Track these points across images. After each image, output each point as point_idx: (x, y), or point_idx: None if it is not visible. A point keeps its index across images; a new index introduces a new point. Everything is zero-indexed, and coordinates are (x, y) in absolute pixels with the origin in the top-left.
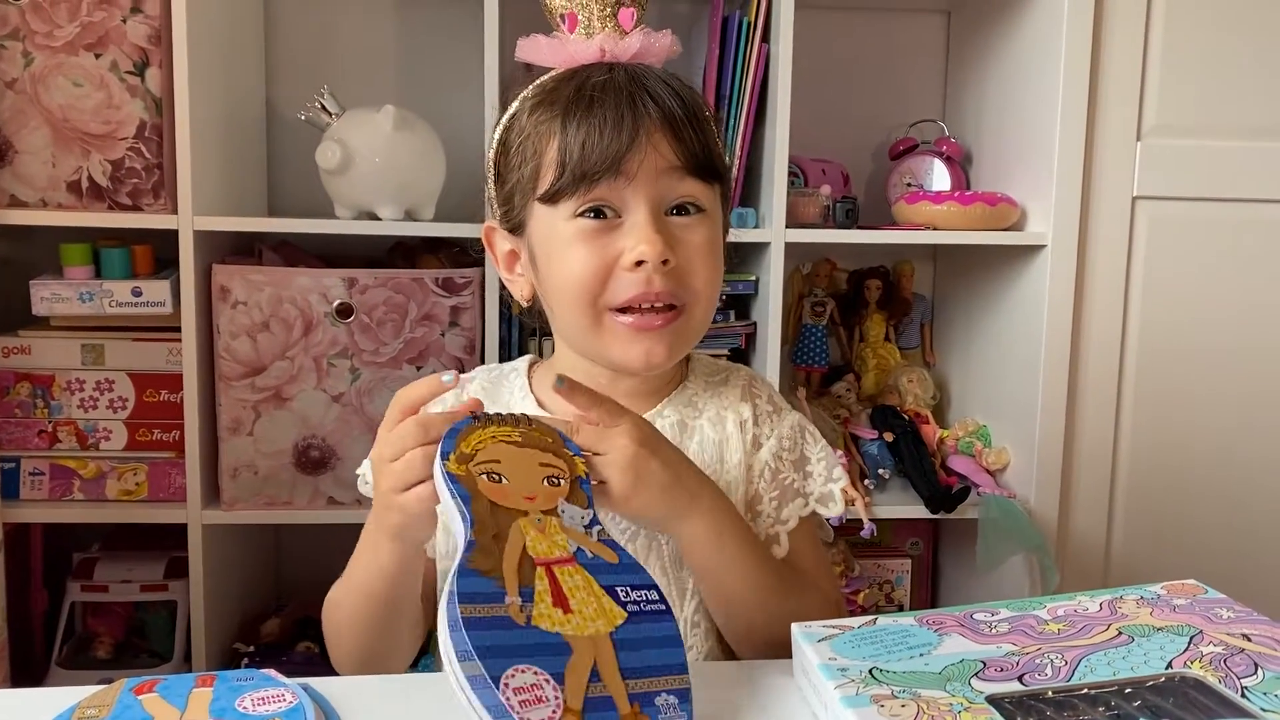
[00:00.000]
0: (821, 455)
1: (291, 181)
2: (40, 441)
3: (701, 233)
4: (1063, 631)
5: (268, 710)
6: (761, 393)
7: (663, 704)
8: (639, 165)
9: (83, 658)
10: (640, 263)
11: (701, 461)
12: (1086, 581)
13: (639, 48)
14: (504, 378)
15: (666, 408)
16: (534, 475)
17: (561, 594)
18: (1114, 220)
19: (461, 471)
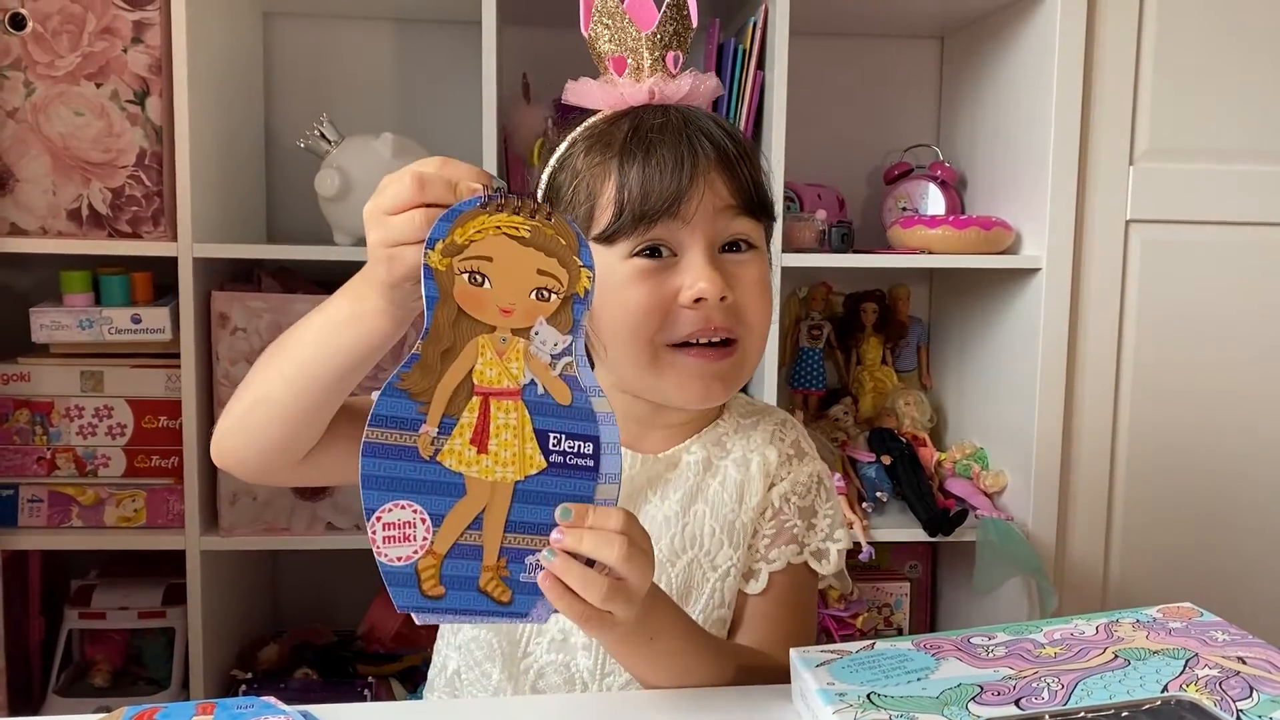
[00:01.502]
0: (830, 512)
1: (290, 208)
2: (39, 468)
3: (755, 269)
4: (1059, 655)
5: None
6: (788, 436)
7: (531, 563)
8: (697, 206)
9: (80, 685)
10: (700, 300)
11: (720, 501)
12: (1084, 603)
13: (688, 89)
14: None
15: (694, 444)
16: (523, 283)
17: (486, 431)
18: (1108, 243)
19: (442, 266)
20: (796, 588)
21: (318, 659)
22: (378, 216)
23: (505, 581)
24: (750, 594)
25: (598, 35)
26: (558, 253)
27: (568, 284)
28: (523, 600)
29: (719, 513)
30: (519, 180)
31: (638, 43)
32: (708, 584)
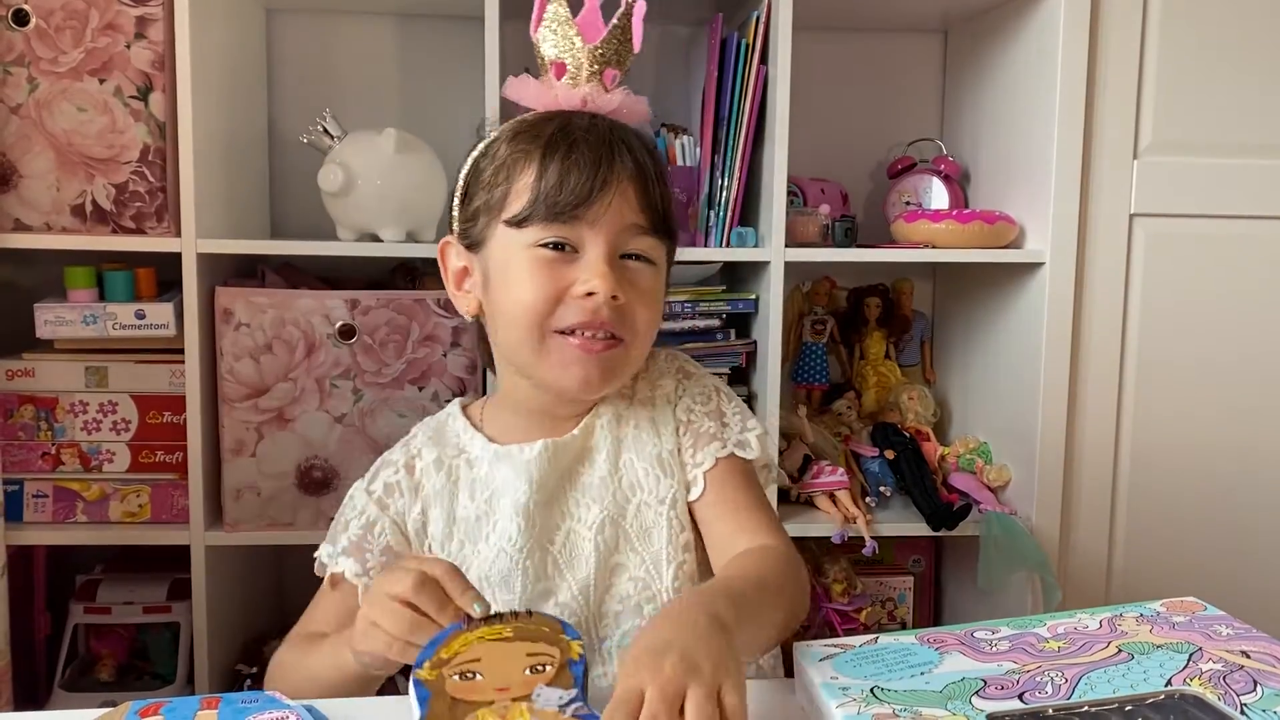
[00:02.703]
0: (736, 410)
1: (294, 204)
2: (44, 464)
3: (649, 279)
4: (1063, 649)
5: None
6: (674, 364)
7: None
8: (605, 211)
9: (86, 680)
10: (591, 294)
11: (640, 441)
12: (1088, 598)
13: (618, 105)
14: (443, 425)
15: (601, 407)
16: (515, 667)
17: None
18: (1111, 237)
19: (431, 676)
20: (735, 474)
21: None
22: (378, 591)
23: None
24: (696, 501)
25: (544, 39)
26: (544, 638)
27: (560, 655)
28: None
29: (644, 452)
30: None
31: (580, 53)
32: (661, 518)
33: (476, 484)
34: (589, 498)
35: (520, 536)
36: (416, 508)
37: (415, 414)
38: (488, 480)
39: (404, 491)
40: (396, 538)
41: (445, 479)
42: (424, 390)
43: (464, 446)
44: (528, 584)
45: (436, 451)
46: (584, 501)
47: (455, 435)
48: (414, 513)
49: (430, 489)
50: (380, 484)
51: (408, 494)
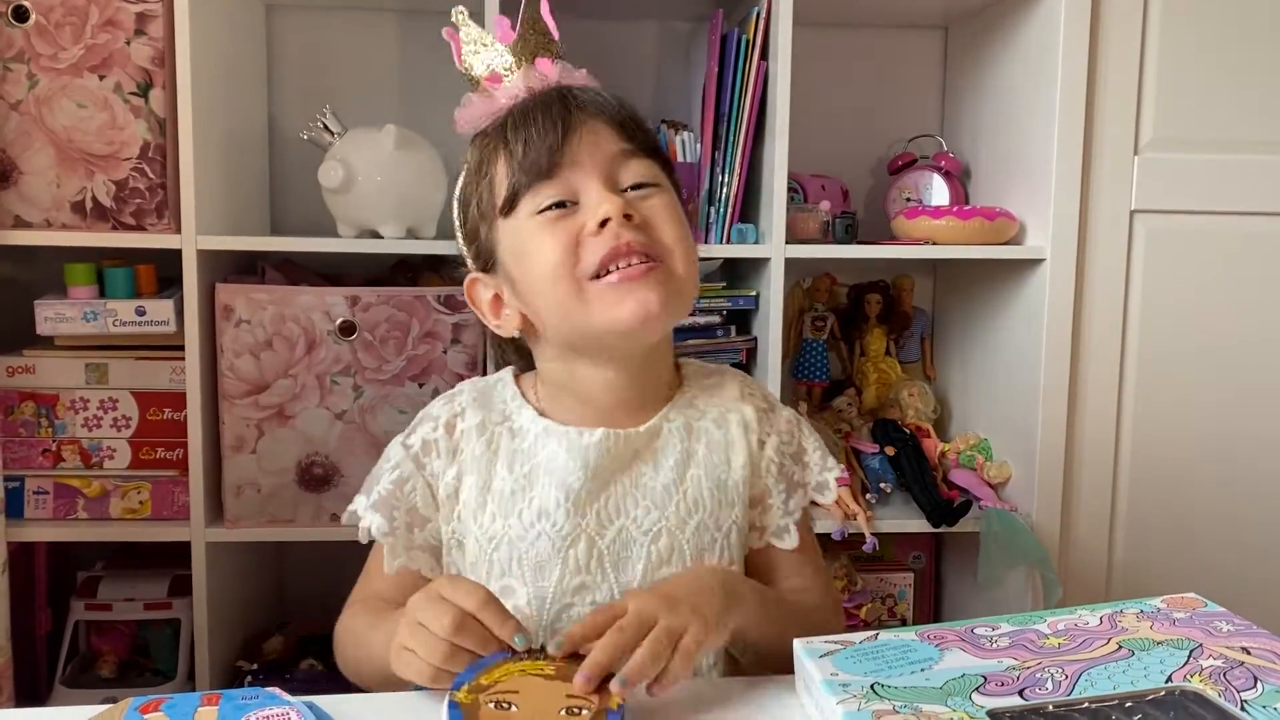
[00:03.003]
0: (816, 446)
1: (294, 200)
2: (44, 461)
3: (660, 198)
4: (1063, 646)
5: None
6: (756, 392)
7: None
8: (582, 150)
9: (87, 676)
10: (604, 222)
11: (710, 463)
12: (1088, 594)
13: (557, 77)
14: (491, 389)
15: (671, 411)
16: (551, 705)
17: None
18: (1112, 234)
19: (467, 700)
20: (808, 526)
21: (323, 650)
22: (413, 622)
23: None
24: (785, 549)
25: (470, 64)
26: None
27: (599, 703)
28: None
29: (712, 475)
30: None
31: (505, 54)
32: (715, 545)
33: (517, 456)
34: (649, 501)
35: (567, 523)
36: (452, 470)
37: (416, 410)
38: (530, 454)
39: (441, 452)
40: (425, 500)
41: (485, 446)
42: (424, 387)
43: (510, 414)
44: (566, 574)
45: (481, 415)
46: (643, 503)
47: (502, 402)
48: (449, 476)
49: (469, 454)
50: (418, 439)
51: (444, 455)
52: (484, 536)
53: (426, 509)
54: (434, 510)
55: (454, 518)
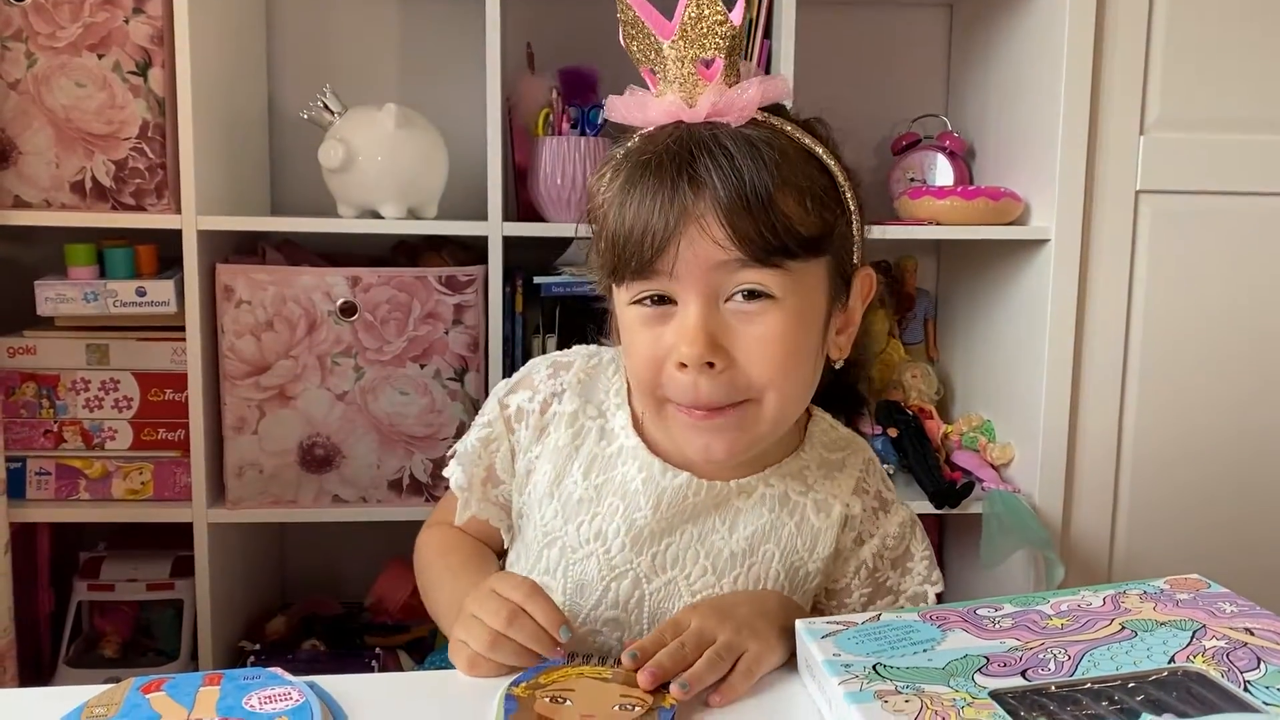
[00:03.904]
0: (925, 555)
1: (294, 181)
2: (46, 441)
3: (767, 323)
4: (1066, 627)
5: (275, 708)
6: (872, 486)
7: None
8: (678, 260)
9: (90, 656)
10: (683, 365)
11: (792, 547)
12: (1091, 575)
13: (710, 107)
14: (598, 374)
15: (774, 476)
16: (605, 701)
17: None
18: (1117, 214)
19: (524, 695)
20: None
21: (325, 631)
22: (468, 615)
23: None
24: None
25: (629, 45)
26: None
27: (653, 701)
28: None
29: (787, 558)
30: (523, 151)
31: (662, 53)
32: None
33: (597, 461)
34: (708, 560)
35: (620, 555)
36: (535, 451)
37: (417, 391)
38: (609, 464)
39: (530, 426)
40: (504, 463)
41: (570, 439)
42: (425, 368)
43: (606, 412)
44: (603, 604)
45: (577, 404)
46: (702, 561)
47: (604, 394)
48: (531, 453)
49: (553, 440)
50: (515, 404)
51: (531, 430)
52: (542, 528)
53: (504, 471)
54: (510, 475)
55: (524, 493)
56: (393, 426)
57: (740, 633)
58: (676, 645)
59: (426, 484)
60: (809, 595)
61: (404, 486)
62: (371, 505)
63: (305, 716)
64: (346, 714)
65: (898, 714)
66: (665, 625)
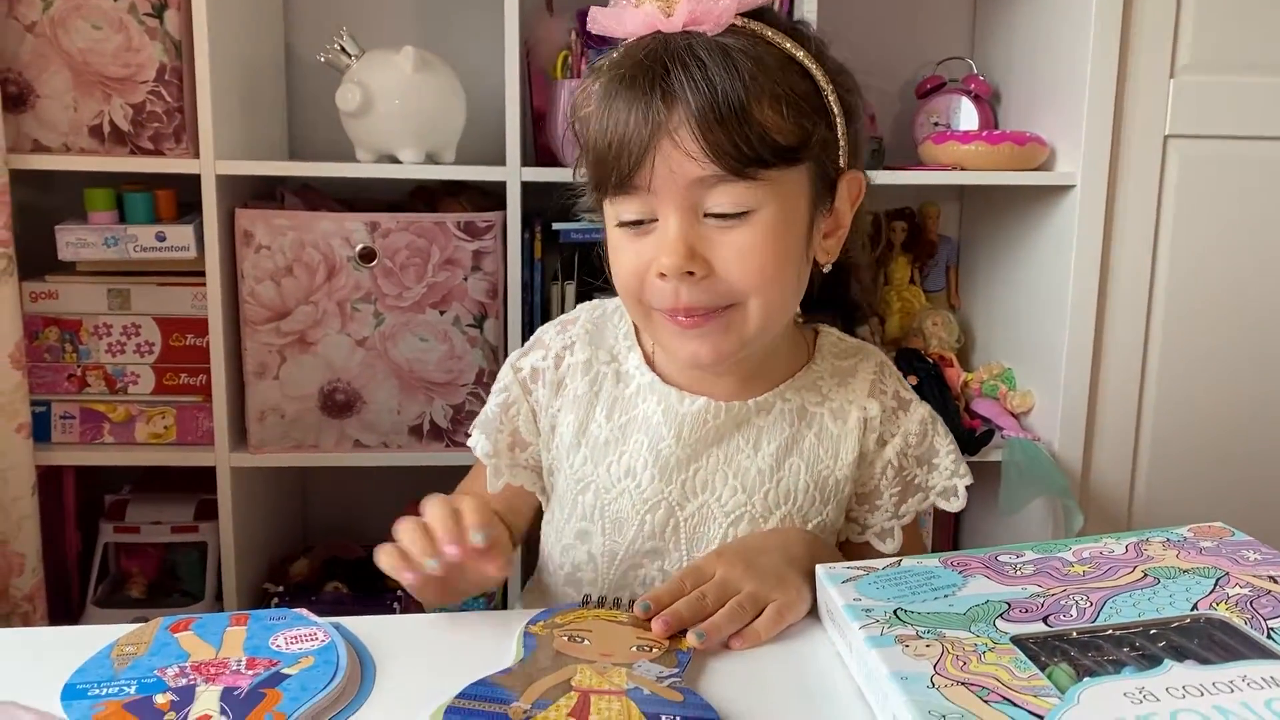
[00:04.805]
0: (950, 449)
1: (311, 125)
2: (70, 385)
3: (746, 234)
4: (1088, 574)
5: (301, 648)
6: (889, 388)
7: None
8: (660, 173)
9: (118, 597)
10: (663, 275)
11: (815, 456)
12: (1110, 524)
13: (686, 17)
14: (606, 322)
15: (789, 391)
16: (623, 642)
17: (585, 712)
18: (1145, 159)
19: (542, 632)
20: (917, 533)
21: (348, 573)
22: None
23: None
24: (885, 551)
25: None
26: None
27: (670, 645)
28: None
29: (814, 469)
30: (541, 95)
31: None
32: None
33: (617, 404)
34: (737, 480)
35: (650, 487)
36: (555, 405)
37: (437, 338)
38: (630, 404)
39: (546, 383)
40: (528, 424)
41: (588, 386)
42: (445, 314)
43: (619, 355)
44: (640, 537)
45: (589, 353)
46: (731, 482)
47: (614, 339)
48: (551, 409)
49: (571, 392)
50: (528, 365)
51: (549, 387)
52: (573, 476)
53: (529, 433)
54: (535, 435)
55: (552, 448)
56: (413, 372)
57: (766, 583)
58: (697, 595)
59: (447, 429)
60: (841, 507)
61: (424, 432)
62: (392, 450)
63: (331, 656)
64: (371, 654)
65: (919, 658)
66: (685, 572)
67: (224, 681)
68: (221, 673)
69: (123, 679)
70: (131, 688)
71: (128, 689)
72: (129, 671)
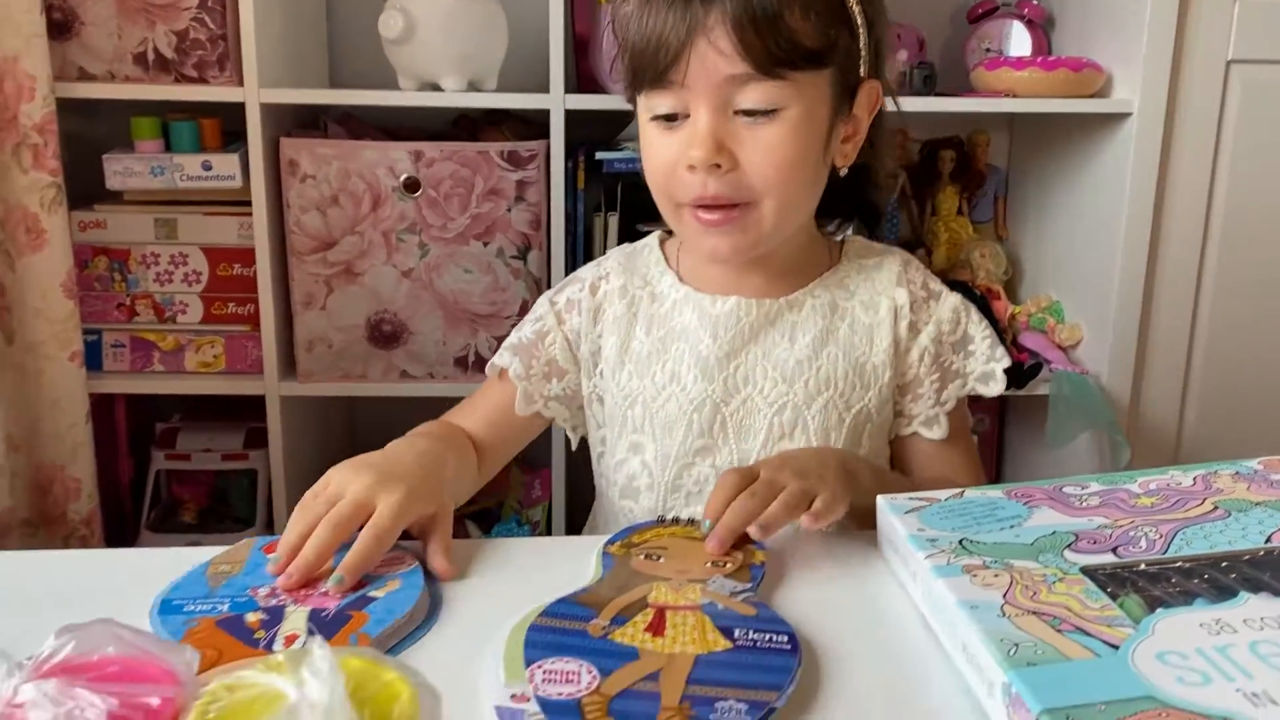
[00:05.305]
0: (985, 334)
1: (353, 52)
2: (120, 315)
3: (772, 132)
4: (1156, 505)
5: (388, 572)
6: (916, 278)
7: (723, 709)
8: (694, 69)
9: (170, 522)
10: (693, 166)
11: (850, 344)
12: (1158, 458)
13: None
14: (638, 254)
15: (818, 288)
16: (698, 559)
17: (661, 626)
18: (1206, 86)
19: (619, 552)
20: (962, 418)
21: None
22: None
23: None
24: (932, 439)
25: None
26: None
27: (744, 558)
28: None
29: (850, 355)
30: (584, 20)
31: None
32: (844, 425)
33: (655, 319)
34: (777, 372)
35: (695, 387)
36: (595, 330)
37: (481, 270)
38: (667, 318)
39: (583, 311)
40: (565, 354)
41: (626, 308)
42: (489, 246)
43: (651, 279)
44: (690, 436)
45: (623, 279)
46: (772, 375)
47: (646, 267)
48: (592, 335)
49: (610, 315)
50: (564, 297)
51: (586, 314)
52: (620, 394)
53: (565, 362)
54: (572, 364)
55: (596, 374)
56: (457, 304)
57: (808, 479)
58: (746, 496)
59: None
60: (883, 396)
61: (469, 363)
62: (438, 381)
63: (416, 580)
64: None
65: (986, 588)
66: (730, 474)
67: (313, 603)
68: (311, 594)
69: (217, 597)
70: (224, 605)
71: (220, 607)
72: (224, 589)
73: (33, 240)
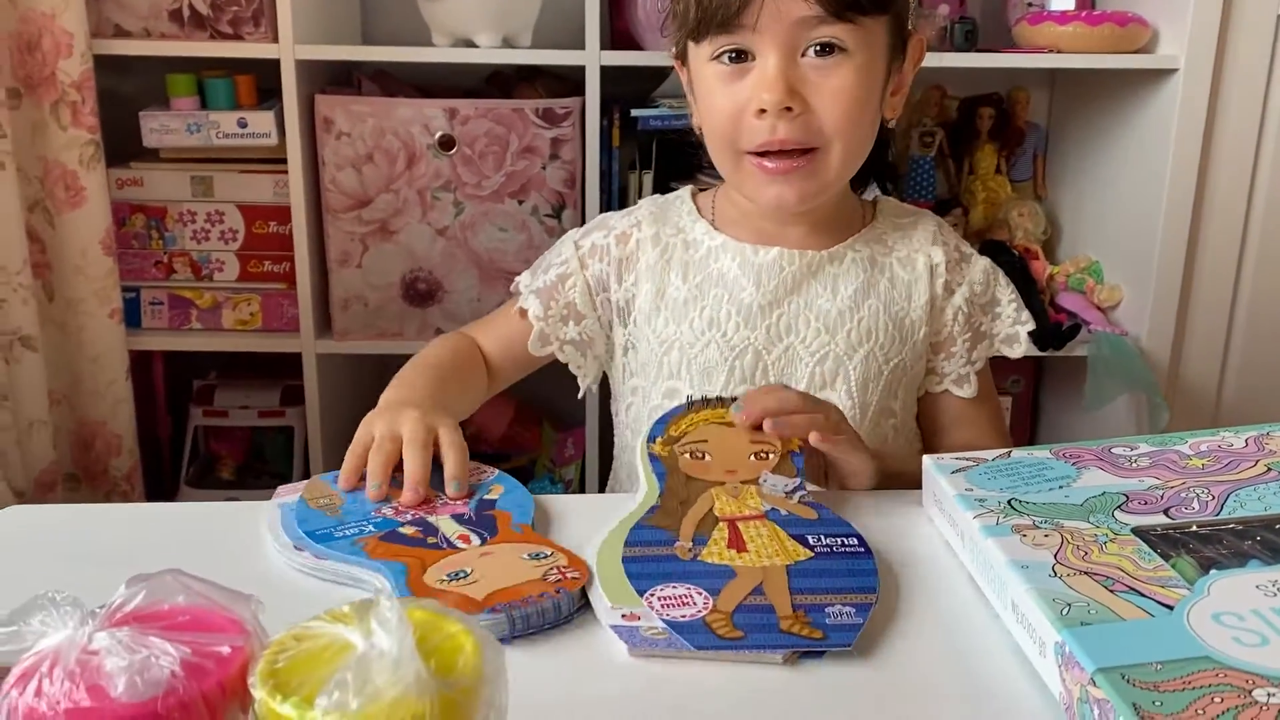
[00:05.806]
0: (1012, 298)
1: (386, 9)
2: (157, 272)
3: (841, 75)
4: (1207, 467)
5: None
6: (949, 240)
7: (834, 613)
8: (761, 13)
9: (209, 478)
10: (762, 110)
11: (890, 298)
12: (1197, 421)
13: None
14: (669, 205)
15: (858, 243)
16: (741, 452)
17: (740, 540)
18: (1256, 40)
19: (665, 453)
20: (989, 379)
21: None
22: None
23: (812, 625)
24: (963, 398)
25: None
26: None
27: (782, 445)
28: (840, 634)
29: (890, 309)
30: None
31: None
32: (881, 378)
33: (690, 266)
34: (820, 324)
35: (736, 335)
36: (630, 279)
37: (515, 228)
38: (702, 265)
39: (608, 259)
40: (584, 298)
41: (659, 255)
42: (524, 204)
43: (684, 228)
44: (731, 382)
45: (656, 228)
46: (814, 325)
47: (678, 217)
48: (625, 284)
49: (644, 263)
50: (590, 241)
51: (612, 263)
52: (656, 340)
53: (584, 306)
54: (590, 309)
55: (630, 322)
56: (492, 262)
57: (843, 422)
58: (779, 386)
59: None
60: (918, 352)
61: None
62: None
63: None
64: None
65: (1037, 548)
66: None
67: (446, 511)
68: (432, 508)
69: (350, 522)
70: (367, 526)
71: (365, 528)
72: (351, 516)
73: (71, 198)
